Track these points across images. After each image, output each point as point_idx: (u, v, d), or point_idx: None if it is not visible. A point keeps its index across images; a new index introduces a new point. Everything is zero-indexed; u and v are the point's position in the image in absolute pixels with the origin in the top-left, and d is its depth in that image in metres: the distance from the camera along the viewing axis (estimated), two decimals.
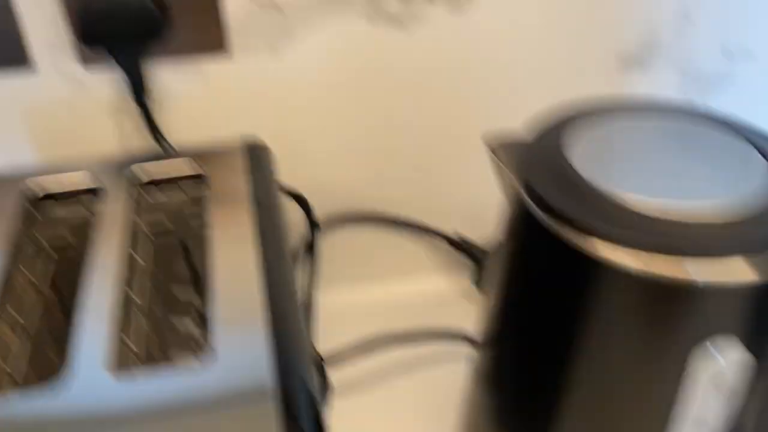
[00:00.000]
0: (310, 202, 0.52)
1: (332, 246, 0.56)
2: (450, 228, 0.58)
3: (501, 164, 0.34)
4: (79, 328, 0.29)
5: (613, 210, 0.28)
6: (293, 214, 0.53)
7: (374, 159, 0.54)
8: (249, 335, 0.28)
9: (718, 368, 0.28)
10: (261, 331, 0.28)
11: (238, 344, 0.28)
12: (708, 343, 0.28)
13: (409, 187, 0.56)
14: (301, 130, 0.51)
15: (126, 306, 0.33)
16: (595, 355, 0.31)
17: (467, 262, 0.59)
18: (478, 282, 0.58)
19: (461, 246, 0.58)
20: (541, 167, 0.31)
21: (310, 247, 0.53)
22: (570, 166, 0.30)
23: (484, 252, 0.57)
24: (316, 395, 0.28)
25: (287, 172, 0.50)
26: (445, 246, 0.58)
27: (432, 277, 0.60)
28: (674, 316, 0.28)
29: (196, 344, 0.44)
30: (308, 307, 0.53)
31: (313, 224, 0.53)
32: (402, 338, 0.49)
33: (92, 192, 0.39)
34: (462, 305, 0.58)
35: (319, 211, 0.54)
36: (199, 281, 0.43)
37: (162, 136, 0.47)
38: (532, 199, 0.30)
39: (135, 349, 0.32)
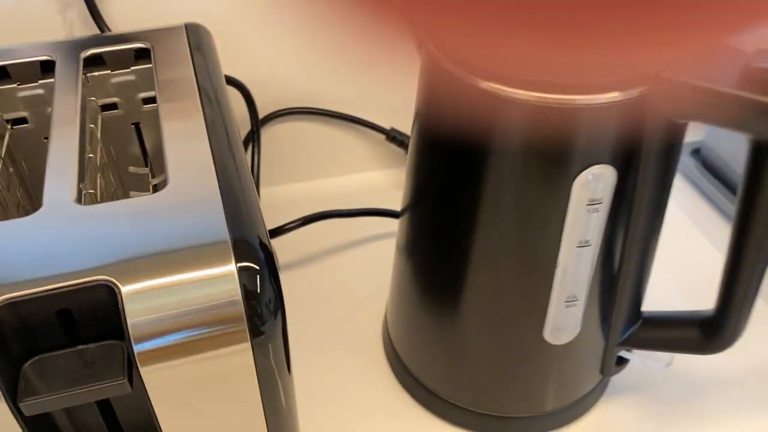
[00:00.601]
0: (252, 93, 0.56)
1: (271, 140, 0.61)
2: (386, 123, 0.63)
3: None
4: (47, 183, 0.32)
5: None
6: (235, 105, 0.57)
7: (314, 56, 0.58)
8: (203, 196, 0.31)
9: (595, 192, 0.34)
10: (215, 190, 0.32)
11: (193, 201, 0.31)
12: (587, 169, 0.33)
13: (347, 84, 0.60)
14: (243, 24, 0.54)
15: (90, 170, 0.36)
16: (491, 195, 0.35)
17: (402, 154, 0.64)
18: None
19: (396, 138, 0.63)
20: None
21: (252, 136, 0.58)
22: None
23: None
24: (269, 246, 0.32)
25: (229, 64, 0.54)
26: (381, 139, 0.63)
27: (369, 169, 0.65)
28: (560, 144, 0.33)
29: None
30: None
31: (255, 114, 0.57)
32: (338, 214, 0.54)
33: (45, 66, 0.42)
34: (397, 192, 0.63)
35: (259, 106, 0.58)
36: (148, 156, 0.47)
37: (107, 26, 0.50)
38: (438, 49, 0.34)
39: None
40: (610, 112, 0.32)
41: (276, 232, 0.52)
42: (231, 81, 0.55)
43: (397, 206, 0.57)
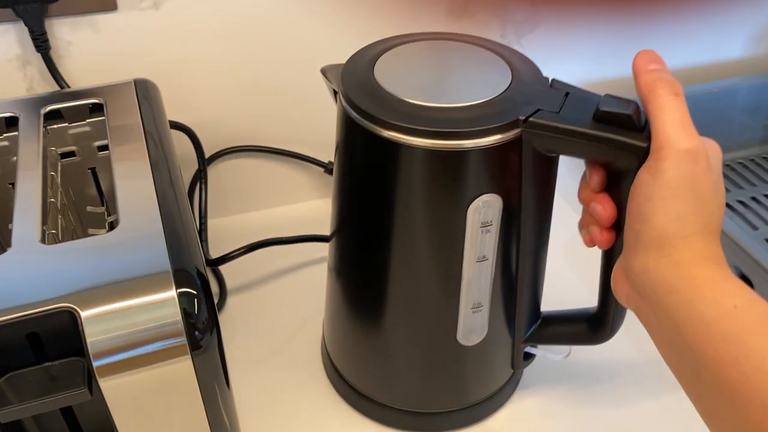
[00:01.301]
0: (197, 135, 0.62)
1: (219, 176, 0.67)
2: (324, 157, 0.69)
3: (328, 81, 0.45)
4: (15, 225, 0.38)
5: (404, 108, 0.39)
6: (182, 148, 0.62)
7: (254, 97, 0.64)
8: (149, 233, 0.36)
9: (486, 216, 0.41)
10: (159, 227, 0.37)
11: (140, 237, 0.36)
12: (477, 198, 0.40)
13: (286, 122, 0.67)
14: (187, 73, 0.60)
15: (52, 212, 0.42)
16: (402, 222, 0.41)
17: None
18: None
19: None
20: (355, 81, 0.41)
21: (200, 173, 0.63)
22: (375, 80, 0.41)
23: None
24: (205, 274, 0.37)
25: (177, 111, 0.60)
26: (320, 171, 0.70)
27: (310, 199, 0.71)
28: (454, 180, 0.39)
29: None
30: (201, 229, 0.63)
31: (201, 153, 0.63)
32: (280, 242, 0.60)
33: (9, 121, 0.47)
34: None
35: (207, 146, 0.64)
36: (104, 197, 0.52)
37: (65, 82, 0.56)
38: (349, 105, 0.40)
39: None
40: (493, 153, 0.39)
41: (223, 260, 0.58)
42: (178, 126, 0.61)
43: None
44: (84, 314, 0.32)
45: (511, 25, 0.67)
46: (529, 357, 0.51)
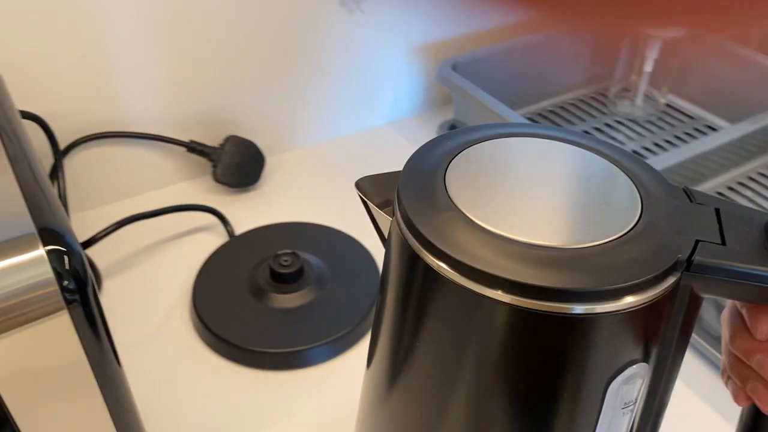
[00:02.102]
0: (50, 125, 0.61)
1: (77, 167, 0.65)
2: (183, 135, 0.69)
3: (368, 200, 0.33)
4: None
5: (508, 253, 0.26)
6: (35, 140, 0.61)
7: (104, 82, 0.63)
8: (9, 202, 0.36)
9: (627, 390, 0.29)
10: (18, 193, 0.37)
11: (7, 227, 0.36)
12: (619, 374, 0.28)
13: (143, 104, 0.66)
14: (35, 61, 0.59)
15: None
16: (512, 387, 0.29)
17: (204, 162, 0.71)
18: (217, 176, 0.70)
19: (196, 149, 0.69)
20: (423, 207, 0.28)
21: (56, 165, 0.62)
22: (453, 203, 0.28)
23: (215, 149, 0.69)
24: (72, 232, 0.37)
25: (25, 99, 0.59)
26: (182, 151, 0.70)
27: (175, 182, 0.72)
28: (586, 352, 0.27)
29: None
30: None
31: (55, 144, 0.62)
32: (148, 215, 0.61)
33: None
34: (206, 196, 0.70)
35: (60, 136, 0.63)
36: None
37: None
38: (427, 250, 0.27)
39: None
40: (646, 311, 0.27)
41: (91, 242, 0.57)
42: (28, 115, 0.59)
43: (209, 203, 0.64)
44: None
45: None
46: None
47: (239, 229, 0.65)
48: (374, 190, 0.33)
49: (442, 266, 0.27)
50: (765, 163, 0.74)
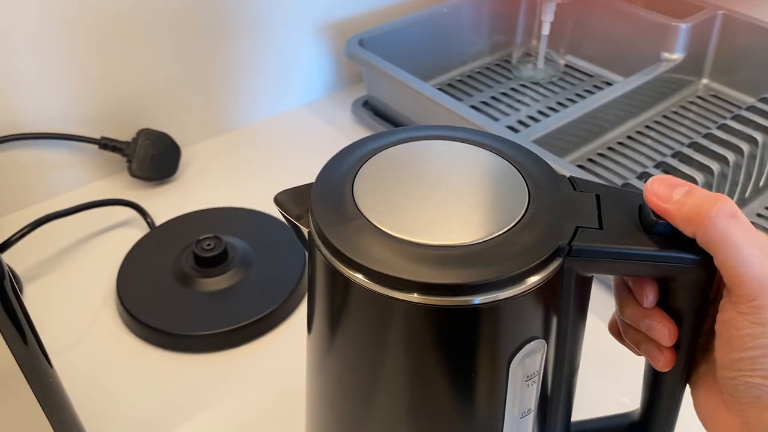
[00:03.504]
0: None
1: None
2: (93, 132, 0.68)
3: (286, 214, 0.35)
4: None
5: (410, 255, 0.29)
6: None
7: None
8: None
9: (529, 364, 0.32)
10: None
11: None
12: (519, 351, 0.31)
13: (47, 102, 0.65)
14: None
15: None
16: (416, 391, 0.32)
17: (119, 158, 0.70)
18: (133, 171, 0.69)
19: (108, 146, 0.69)
20: (333, 218, 0.31)
21: None
22: (360, 212, 0.31)
23: (128, 144, 0.69)
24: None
25: None
26: (95, 149, 0.69)
27: (90, 181, 0.71)
28: (486, 338, 0.30)
29: None
30: None
31: None
32: (64, 213, 0.60)
33: None
34: (124, 192, 0.69)
35: None
36: None
37: None
38: (336, 257, 0.30)
39: None
40: (533, 297, 0.30)
41: (6, 245, 0.56)
42: None
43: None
44: None
45: None
46: None
47: (160, 220, 0.65)
48: (292, 203, 0.35)
49: (353, 274, 0.30)
50: (659, 111, 0.79)
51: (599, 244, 0.30)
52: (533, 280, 0.29)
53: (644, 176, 0.61)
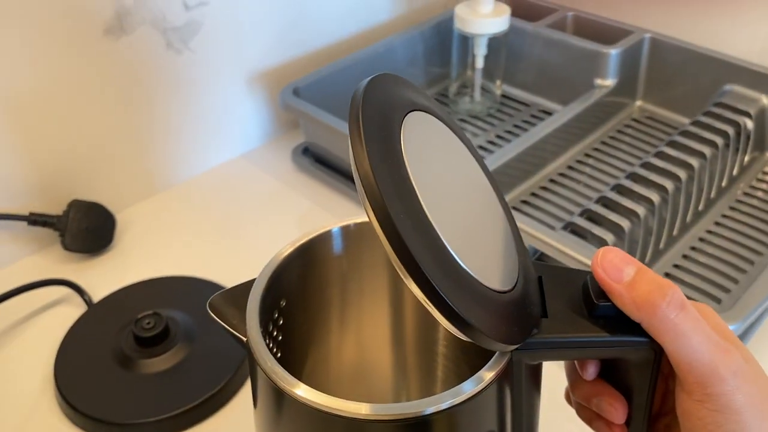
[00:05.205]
0: None
1: None
2: (22, 208, 0.65)
3: (227, 328, 0.34)
4: None
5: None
6: None
7: None
8: None
9: None
10: None
11: None
12: None
13: None
14: None
15: None
16: None
17: (50, 232, 0.67)
18: (66, 246, 0.67)
19: (38, 221, 0.66)
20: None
21: None
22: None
23: (59, 218, 0.66)
24: None
25: None
26: (23, 225, 0.66)
27: (18, 259, 0.67)
28: None
29: None
30: None
31: None
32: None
33: None
34: (58, 267, 0.66)
35: None
36: None
37: None
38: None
39: None
40: (487, 396, 0.30)
41: None
42: None
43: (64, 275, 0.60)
44: None
45: (172, 33, 0.69)
46: None
47: (98, 295, 0.62)
48: (227, 307, 0.34)
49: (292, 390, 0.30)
50: (597, 137, 0.79)
51: (546, 336, 0.30)
52: (486, 379, 0.29)
53: (586, 213, 0.61)
